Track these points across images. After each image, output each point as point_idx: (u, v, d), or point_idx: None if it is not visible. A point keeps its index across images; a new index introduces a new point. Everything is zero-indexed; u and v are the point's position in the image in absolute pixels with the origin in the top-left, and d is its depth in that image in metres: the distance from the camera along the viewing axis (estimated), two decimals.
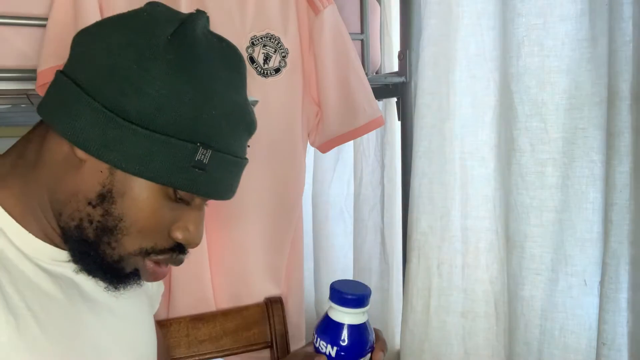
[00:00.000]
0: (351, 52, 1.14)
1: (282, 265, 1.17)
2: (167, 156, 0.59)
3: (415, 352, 1.17)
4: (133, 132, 0.58)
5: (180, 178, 0.60)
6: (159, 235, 0.64)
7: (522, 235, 0.98)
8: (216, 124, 0.61)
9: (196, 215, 0.65)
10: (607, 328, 0.83)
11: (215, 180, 0.63)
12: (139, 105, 0.58)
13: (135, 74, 0.58)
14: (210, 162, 0.61)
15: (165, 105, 0.58)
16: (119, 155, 0.59)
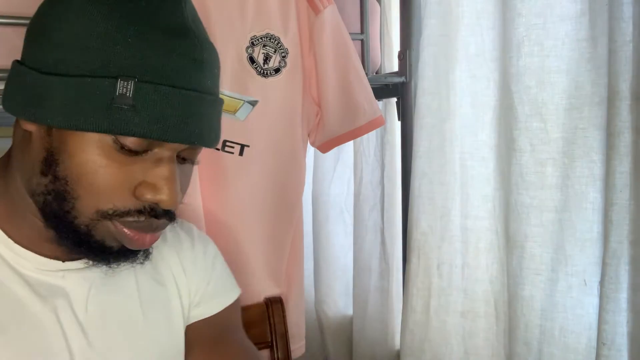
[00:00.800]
0: (351, 52, 1.13)
1: (282, 265, 1.17)
2: (86, 99, 0.54)
3: (415, 352, 1.17)
4: (50, 82, 0.55)
5: (108, 120, 0.54)
6: (116, 195, 0.57)
7: (522, 235, 0.98)
8: (135, 53, 0.55)
9: (161, 169, 0.58)
10: (607, 328, 0.83)
11: (153, 117, 0.55)
12: (53, 52, 0.55)
13: (49, 23, 0.57)
14: (138, 95, 0.54)
15: (75, 44, 0.54)
16: (44, 111, 0.55)
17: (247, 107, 1.06)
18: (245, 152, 1.07)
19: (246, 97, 1.06)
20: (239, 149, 1.07)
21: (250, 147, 1.07)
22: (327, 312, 1.64)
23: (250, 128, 1.07)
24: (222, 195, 1.07)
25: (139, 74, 0.54)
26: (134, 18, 0.56)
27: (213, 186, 1.06)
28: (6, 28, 0.93)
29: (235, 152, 1.07)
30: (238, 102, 1.06)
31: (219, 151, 1.06)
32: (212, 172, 1.05)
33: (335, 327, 1.63)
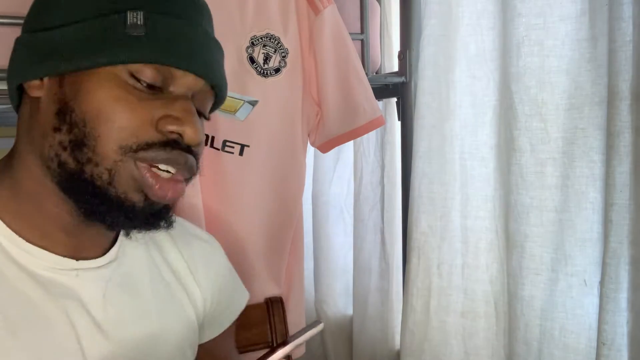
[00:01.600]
0: (351, 52, 1.14)
1: (282, 265, 1.17)
2: (98, 36, 0.55)
3: (415, 352, 1.17)
4: (60, 33, 0.56)
5: (122, 52, 0.55)
6: (138, 127, 0.55)
7: (522, 235, 0.98)
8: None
9: (180, 103, 0.57)
10: (607, 328, 0.83)
11: (165, 43, 0.56)
12: (57, 8, 0.58)
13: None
14: (148, 23, 0.56)
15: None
16: (55, 62, 0.56)
17: (247, 107, 1.06)
18: (245, 152, 1.07)
19: (246, 97, 1.06)
20: (239, 149, 1.07)
21: (250, 147, 1.07)
22: (327, 312, 1.64)
23: (250, 128, 1.07)
24: (222, 195, 1.07)
25: (145, 6, 0.56)
26: None
27: (213, 186, 1.06)
28: (6, 28, 0.93)
29: (235, 152, 1.07)
30: (238, 102, 1.06)
31: (219, 151, 1.06)
32: (212, 172, 1.05)
33: (335, 327, 1.63)
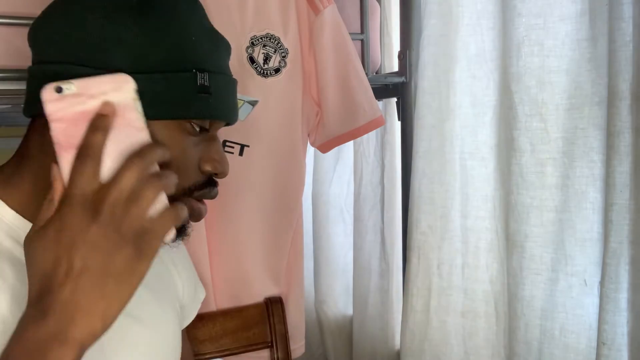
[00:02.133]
0: (351, 52, 1.14)
1: (282, 265, 1.17)
2: (173, 91, 0.61)
3: (415, 352, 1.17)
4: (136, 80, 0.58)
5: (194, 107, 0.63)
6: (192, 172, 0.65)
7: (522, 235, 0.98)
8: (200, 48, 0.64)
9: (216, 145, 0.68)
10: (607, 328, 0.83)
11: (222, 101, 0.66)
12: (127, 54, 0.60)
13: (109, 29, 0.60)
14: (211, 84, 0.64)
15: (149, 44, 0.61)
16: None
17: (247, 107, 1.06)
18: (245, 152, 1.07)
19: (246, 97, 1.06)
20: (239, 149, 1.07)
21: (250, 147, 1.07)
22: (327, 312, 1.64)
23: (250, 128, 1.07)
24: (221, 195, 1.07)
25: (207, 66, 0.64)
26: (188, 15, 0.65)
27: None
28: (6, 28, 0.93)
29: (235, 152, 1.07)
30: (238, 102, 1.06)
31: None
32: None
33: (335, 327, 1.63)
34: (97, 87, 0.54)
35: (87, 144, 0.53)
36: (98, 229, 0.50)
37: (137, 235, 0.51)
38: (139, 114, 0.55)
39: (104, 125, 0.53)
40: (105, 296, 0.49)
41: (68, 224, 0.50)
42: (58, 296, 0.49)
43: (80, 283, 0.49)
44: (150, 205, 0.51)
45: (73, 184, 0.51)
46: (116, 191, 0.51)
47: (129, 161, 0.52)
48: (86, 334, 0.49)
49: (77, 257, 0.49)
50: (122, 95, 0.55)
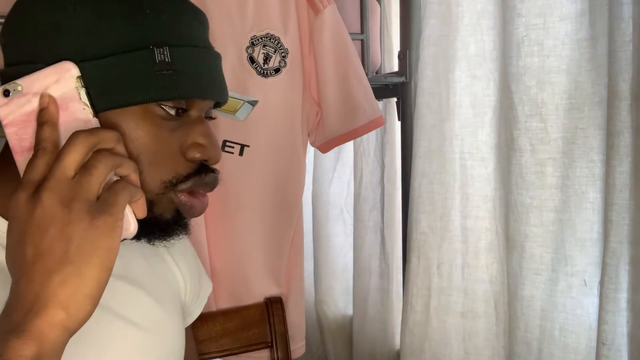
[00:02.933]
0: (351, 52, 1.13)
1: (282, 265, 1.17)
2: (128, 74, 0.55)
3: (415, 352, 1.17)
4: (82, 70, 0.54)
5: (154, 88, 0.56)
6: (173, 162, 0.59)
7: (522, 235, 0.98)
8: (156, 21, 0.57)
9: (200, 127, 0.60)
10: (607, 328, 0.83)
11: (191, 77, 0.58)
12: (75, 42, 0.55)
13: (55, 17, 0.55)
14: (174, 58, 0.56)
15: (98, 28, 0.55)
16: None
17: (247, 107, 1.06)
18: (245, 152, 1.07)
19: (246, 97, 1.06)
20: (239, 149, 1.07)
21: (250, 147, 1.07)
22: (327, 312, 1.64)
23: (250, 128, 1.07)
24: (222, 195, 1.07)
25: (167, 40, 0.57)
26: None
27: None
28: None
29: (235, 152, 1.07)
30: (238, 102, 1.06)
31: None
32: None
33: (335, 327, 1.63)
34: (40, 82, 0.52)
35: (36, 141, 0.50)
36: (42, 210, 0.46)
37: (93, 209, 0.47)
38: (83, 104, 0.52)
39: (47, 117, 0.51)
40: (66, 281, 0.45)
41: (15, 216, 0.48)
42: (17, 290, 0.46)
43: (35, 271, 0.46)
44: (102, 178, 0.48)
45: (22, 179, 0.49)
46: (58, 168, 0.47)
47: (71, 136, 0.49)
48: (47, 325, 0.45)
49: (28, 245, 0.46)
50: (64, 87, 0.52)
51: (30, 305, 0.45)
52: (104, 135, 0.50)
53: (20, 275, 0.46)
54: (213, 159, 0.61)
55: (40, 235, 0.46)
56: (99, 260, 0.46)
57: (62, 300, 0.45)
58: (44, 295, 0.45)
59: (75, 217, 0.46)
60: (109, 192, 0.48)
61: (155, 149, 0.57)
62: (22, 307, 0.45)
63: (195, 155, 0.60)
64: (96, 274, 0.46)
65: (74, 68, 0.52)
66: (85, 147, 0.48)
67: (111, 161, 0.49)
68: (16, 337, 0.44)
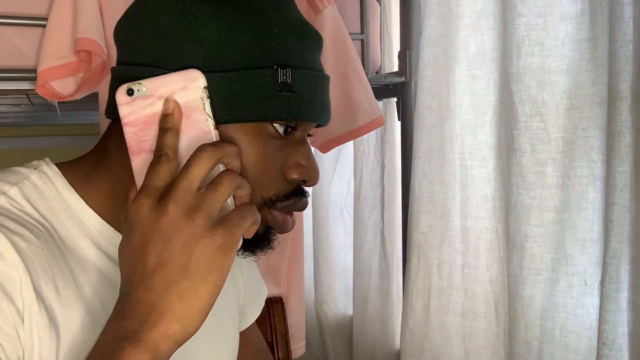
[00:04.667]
0: (351, 52, 1.13)
1: (282, 265, 1.17)
2: (250, 90, 0.55)
3: (415, 352, 1.17)
4: (208, 80, 0.54)
5: (273, 107, 0.56)
6: (276, 180, 0.59)
7: (522, 235, 0.98)
8: (283, 42, 0.57)
9: (303, 149, 0.61)
10: (607, 328, 0.83)
11: (307, 100, 0.59)
12: (202, 52, 0.55)
13: (185, 24, 0.55)
14: (295, 80, 0.57)
15: (226, 41, 0.55)
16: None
17: None
18: None
19: None
20: None
21: None
22: (327, 312, 1.64)
23: None
24: None
25: (290, 61, 0.57)
26: (270, 6, 0.58)
27: None
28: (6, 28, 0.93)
29: None
30: None
31: None
32: None
33: (335, 327, 1.63)
34: (166, 86, 0.52)
35: (158, 146, 0.50)
36: (167, 220, 0.46)
37: (215, 225, 0.47)
38: (206, 115, 0.52)
39: (171, 124, 0.51)
40: (183, 295, 0.45)
41: (138, 222, 0.47)
42: (134, 297, 0.46)
43: (155, 281, 0.46)
44: (226, 196, 0.48)
45: (144, 184, 0.49)
46: (185, 179, 0.47)
47: (198, 149, 0.49)
48: (162, 337, 0.45)
49: (150, 254, 0.46)
50: (190, 95, 0.52)
51: (147, 315, 0.45)
52: (228, 149, 0.51)
53: (139, 282, 0.46)
54: (313, 180, 0.62)
55: (163, 245, 0.46)
56: (214, 277, 0.46)
57: (177, 313, 0.46)
58: (162, 306, 0.45)
59: (198, 231, 0.46)
60: (236, 214, 0.48)
61: (262, 166, 0.58)
62: (138, 316, 0.46)
63: (295, 176, 0.61)
64: (210, 290, 0.46)
65: (201, 78, 0.52)
66: (212, 160, 0.49)
67: (236, 182, 0.49)
68: (132, 346, 0.44)
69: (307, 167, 0.61)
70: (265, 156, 0.58)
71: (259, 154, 0.57)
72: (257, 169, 0.57)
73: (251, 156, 0.57)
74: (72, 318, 0.54)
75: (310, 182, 0.62)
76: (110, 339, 0.45)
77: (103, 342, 0.46)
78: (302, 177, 0.61)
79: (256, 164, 0.57)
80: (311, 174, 0.61)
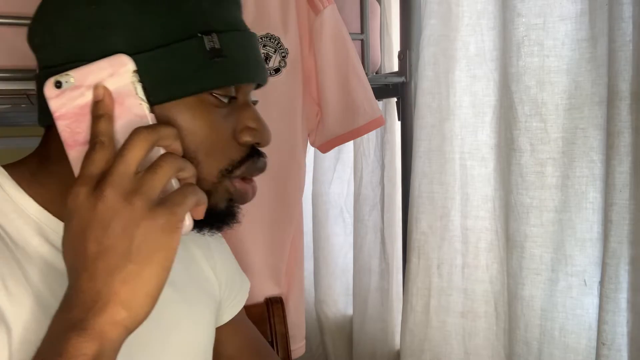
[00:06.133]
0: (351, 52, 1.14)
1: (282, 265, 1.17)
2: (180, 64, 0.54)
3: (415, 352, 1.17)
4: (136, 63, 0.52)
5: (207, 76, 0.55)
6: (229, 148, 0.59)
7: (522, 235, 0.98)
8: (200, 8, 0.56)
9: (249, 112, 0.61)
10: (607, 328, 0.83)
11: (240, 61, 0.58)
12: (122, 36, 0.53)
13: (96, 13, 0.54)
14: (223, 44, 0.56)
15: (143, 20, 0.54)
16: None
17: None
18: None
19: None
20: None
21: None
22: (327, 312, 1.64)
23: None
24: None
25: (213, 26, 0.56)
26: None
27: None
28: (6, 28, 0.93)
29: None
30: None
31: None
32: None
33: (335, 327, 1.63)
34: (94, 75, 0.50)
35: (92, 134, 0.49)
36: (105, 206, 0.45)
37: (156, 206, 0.46)
38: (139, 99, 0.50)
39: (103, 110, 0.49)
40: (127, 280, 0.44)
41: (75, 211, 0.46)
42: (78, 286, 0.45)
43: (97, 269, 0.45)
44: (166, 178, 0.47)
45: (80, 173, 0.48)
46: (121, 164, 0.46)
47: (132, 132, 0.47)
48: (109, 324, 0.44)
49: (90, 241, 0.45)
50: (120, 81, 0.50)
51: (92, 303, 0.44)
52: (164, 131, 0.49)
53: (81, 271, 0.46)
54: (265, 141, 0.61)
55: (102, 231, 0.45)
56: (159, 259, 0.45)
57: (123, 299, 0.44)
58: (106, 293, 0.44)
59: (138, 213, 0.45)
60: (178, 193, 0.47)
61: (213, 137, 0.57)
62: (83, 304, 0.45)
63: (248, 138, 0.60)
64: (156, 273, 0.45)
65: (130, 62, 0.51)
66: (148, 143, 0.47)
67: (176, 164, 0.48)
68: (77, 334, 0.43)
69: (257, 128, 0.60)
70: (212, 127, 0.57)
71: (205, 126, 0.56)
72: (208, 142, 0.57)
73: (198, 130, 0.56)
74: (22, 312, 0.54)
75: (262, 142, 0.61)
76: (57, 330, 0.45)
77: (51, 333, 0.45)
78: (254, 140, 0.60)
79: (206, 137, 0.56)
80: (262, 134, 0.61)
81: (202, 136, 0.56)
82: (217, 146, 0.57)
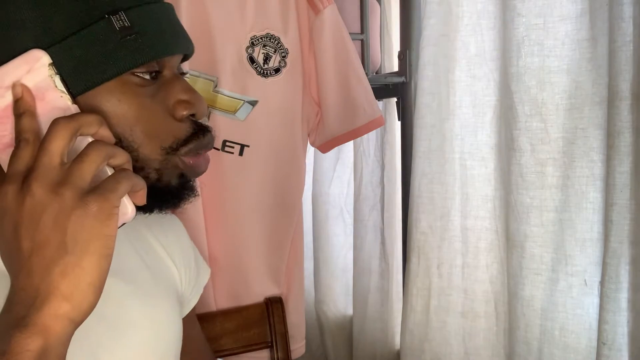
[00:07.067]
0: (351, 52, 1.13)
1: (282, 265, 1.17)
2: (93, 49, 0.52)
3: (415, 352, 1.17)
4: (50, 56, 0.52)
5: (124, 57, 0.54)
6: (167, 126, 0.57)
7: (522, 235, 0.98)
8: None
9: (178, 84, 0.59)
10: (607, 328, 0.83)
11: (155, 35, 0.56)
12: (30, 33, 0.52)
13: (1, 15, 0.52)
14: (133, 21, 0.54)
15: (46, 12, 0.52)
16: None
17: (247, 107, 1.06)
18: (245, 152, 1.07)
19: (246, 97, 1.06)
20: (239, 149, 1.07)
21: (250, 147, 1.07)
22: (327, 312, 1.64)
23: (250, 128, 1.07)
24: (222, 195, 1.07)
25: (119, 5, 0.54)
26: None
27: (213, 186, 1.06)
28: None
29: (235, 152, 1.07)
30: (238, 102, 1.06)
31: (218, 151, 1.06)
32: (212, 172, 1.05)
33: (335, 327, 1.63)
34: (11, 75, 0.50)
35: (16, 133, 0.49)
36: (33, 200, 0.44)
37: (86, 195, 0.45)
38: (59, 92, 0.50)
39: (23, 108, 0.49)
40: (66, 272, 0.44)
41: (5, 210, 0.46)
42: (17, 285, 0.45)
43: (34, 265, 0.44)
44: (94, 166, 0.46)
45: (7, 172, 0.47)
46: (44, 156, 0.45)
47: (51, 123, 0.46)
48: (52, 318, 0.43)
49: (23, 238, 0.45)
50: (38, 76, 0.50)
51: (32, 299, 0.44)
52: (85, 119, 0.48)
53: (19, 269, 0.45)
54: (200, 111, 0.60)
55: (34, 226, 0.44)
56: (97, 248, 0.45)
57: (64, 291, 0.44)
58: (45, 287, 0.44)
59: (68, 204, 0.44)
60: (109, 179, 0.46)
61: (145, 118, 0.56)
62: (23, 302, 0.44)
63: (183, 112, 0.58)
64: (96, 262, 0.45)
65: (44, 56, 0.50)
66: (68, 131, 0.46)
67: (105, 150, 0.47)
68: (20, 331, 0.43)
69: (190, 99, 0.59)
70: (142, 107, 0.56)
71: (134, 108, 0.55)
72: (142, 123, 0.55)
73: (127, 113, 0.55)
74: None
75: (198, 113, 0.59)
76: (0, 330, 0.44)
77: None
78: (189, 111, 0.58)
79: (137, 119, 0.55)
80: (196, 105, 0.59)
81: (133, 118, 0.55)
82: (153, 125, 0.56)
